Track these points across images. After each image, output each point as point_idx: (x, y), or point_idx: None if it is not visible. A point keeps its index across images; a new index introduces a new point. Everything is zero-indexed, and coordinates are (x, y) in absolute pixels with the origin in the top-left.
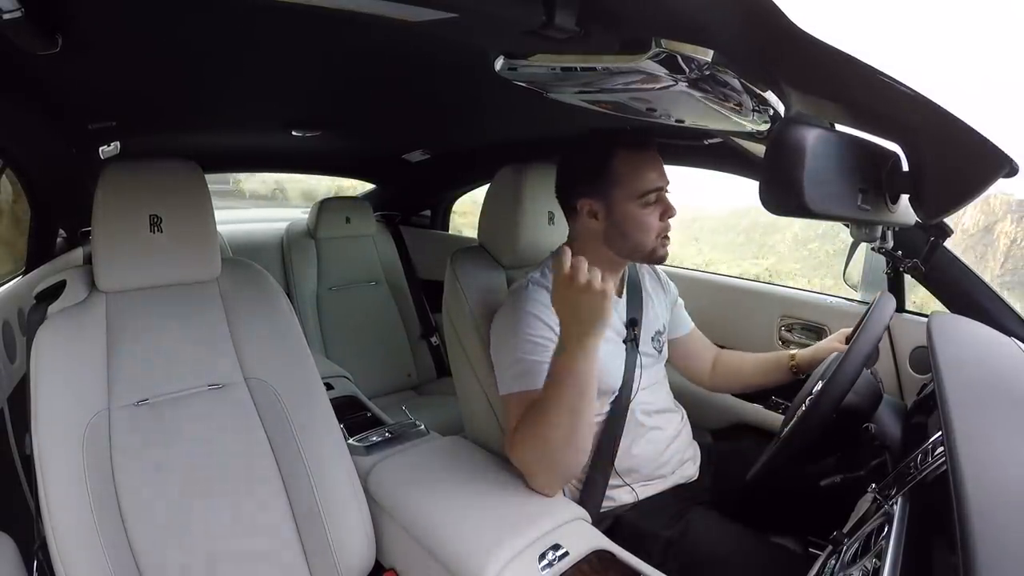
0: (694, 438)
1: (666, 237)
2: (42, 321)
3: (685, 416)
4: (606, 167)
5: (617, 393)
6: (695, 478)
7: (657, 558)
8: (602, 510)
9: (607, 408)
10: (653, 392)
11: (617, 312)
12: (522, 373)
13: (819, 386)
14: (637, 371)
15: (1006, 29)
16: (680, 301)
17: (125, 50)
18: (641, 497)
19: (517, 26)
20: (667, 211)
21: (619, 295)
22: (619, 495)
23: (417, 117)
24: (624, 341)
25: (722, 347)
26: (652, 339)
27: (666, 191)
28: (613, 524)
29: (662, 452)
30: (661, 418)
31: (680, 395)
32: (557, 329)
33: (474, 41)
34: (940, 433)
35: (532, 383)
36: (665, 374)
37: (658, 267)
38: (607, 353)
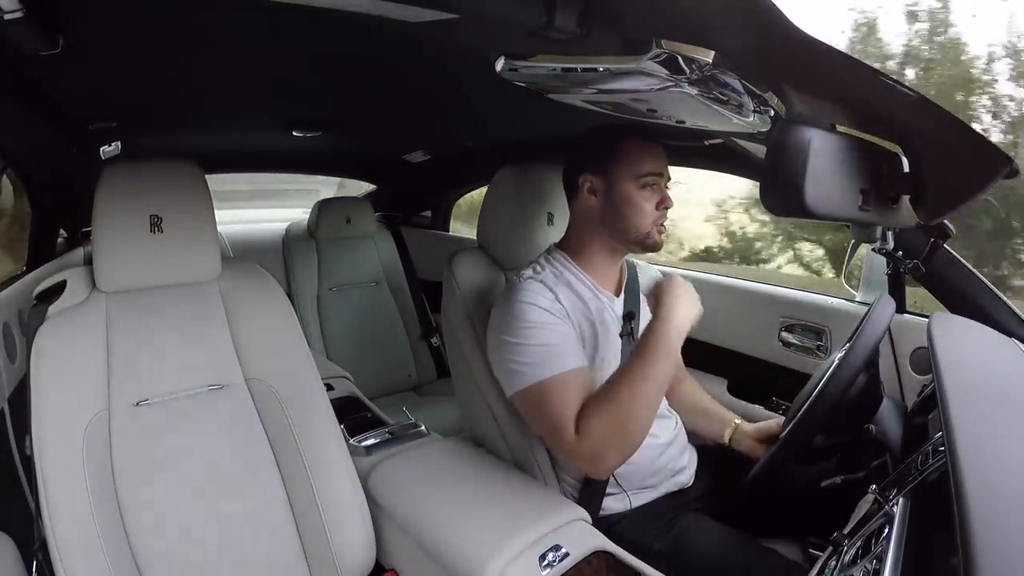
0: (693, 440)
1: (662, 226)
2: (42, 321)
3: (680, 422)
4: (612, 146)
5: None
6: (689, 484)
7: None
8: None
9: None
10: None
11: (614, 309)
12: (549, 357)
13: (819, 386)
14: None
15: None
16: None
17: (126, 50)
18: (634, 505)
19: (518, 27)
20: (663, 201)
21: (617, 294)
22: (611, 504)
23: (418, 118)
24: (621, 335)
25: (722, 348)
26: None
27: (666, 184)
28: (604, 533)
29: (656, 459)
30: (655, 424)
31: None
32: (557, 313)
33: (475, 42)
34: (940, 434)
35: (564, 364)
36: None
37: (660, 273)
38: (603, 355)
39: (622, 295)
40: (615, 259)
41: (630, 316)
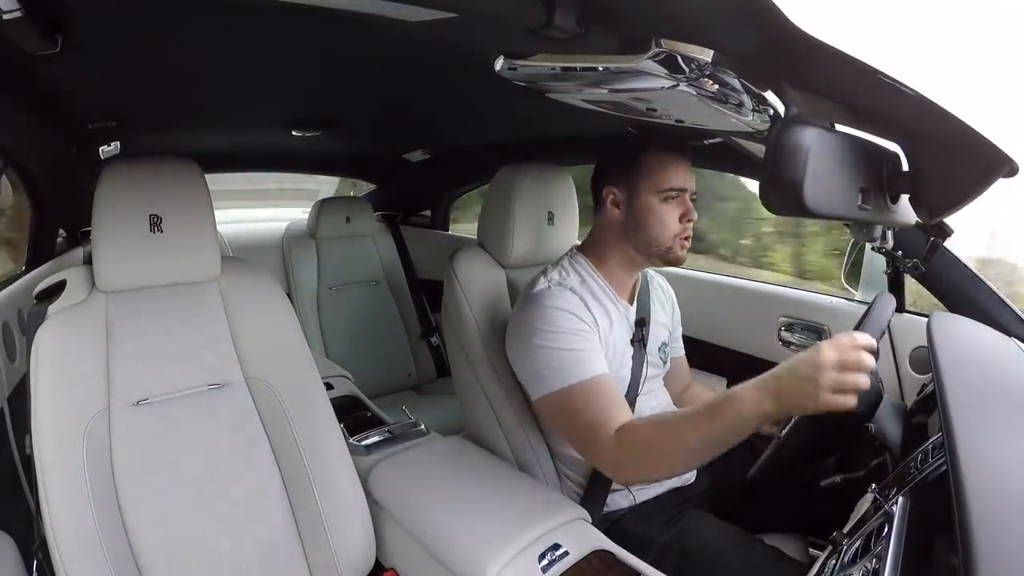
0: None
1: (686, 240)
2: (42, 321)
3: None
4: (635, 159)
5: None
6: (691, 481)
7: (652, 562)
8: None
9: None
10: (652, 399)
11: (628, 317)
12: (581, 362)
13: None
14: (643, 375)
15: (1007, 27)
16: (680, 328)
17: (125, 50)
18: (638, 500)
19: (517, 26)
20: (687, 213)
21: (630, 302)
22: (616, 500)
23: (418, 117)
24: (632, 341)
25: (722, 347)
26: (659, 349)
27: (690, 196)
28: (609, 528)
29: None
30: None
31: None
32: (587, 320)
33: (474, 41)
34: (940, 433)
35: (595, 369)
36: (663, 384)
37: (669, 286)
38: (617, 362)
39: (635, 303)
40: (634, 271)
41: (641, 323)
